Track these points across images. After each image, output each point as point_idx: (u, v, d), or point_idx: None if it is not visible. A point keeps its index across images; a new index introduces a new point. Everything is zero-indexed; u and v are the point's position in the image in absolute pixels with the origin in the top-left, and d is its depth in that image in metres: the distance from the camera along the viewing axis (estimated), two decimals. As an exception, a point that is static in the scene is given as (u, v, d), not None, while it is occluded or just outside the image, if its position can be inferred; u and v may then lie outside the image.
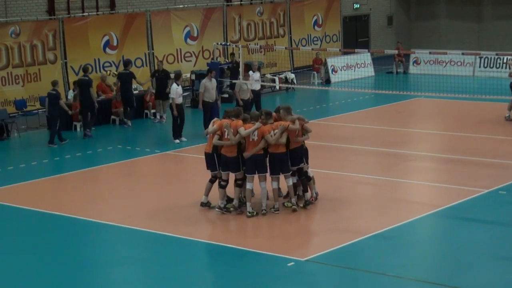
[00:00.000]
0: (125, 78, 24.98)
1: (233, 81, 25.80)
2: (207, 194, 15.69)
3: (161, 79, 25.47)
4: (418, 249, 13.51)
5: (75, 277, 12.59)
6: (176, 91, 22.06)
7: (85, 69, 24.64)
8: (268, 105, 23.20)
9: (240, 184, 15.30)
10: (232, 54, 29.78)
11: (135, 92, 26.85)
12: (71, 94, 25.80)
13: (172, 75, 24.58)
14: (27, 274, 12.78)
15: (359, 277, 12.20)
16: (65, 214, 15.82)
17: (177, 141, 22.22)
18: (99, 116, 25.03)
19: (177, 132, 22.31)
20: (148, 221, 15.13)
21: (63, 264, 13.17)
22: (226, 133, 15.19)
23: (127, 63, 25.49)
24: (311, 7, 37.33)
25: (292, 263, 12.72)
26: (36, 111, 26.51)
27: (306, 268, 12.55)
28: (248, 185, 15.22)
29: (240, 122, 15.23)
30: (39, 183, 18.58)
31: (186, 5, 32.49)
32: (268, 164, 15.30)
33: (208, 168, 15.63)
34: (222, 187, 15.38)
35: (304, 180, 15.52)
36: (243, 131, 15.03)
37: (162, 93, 25.39)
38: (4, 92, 26.56)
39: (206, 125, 20.96)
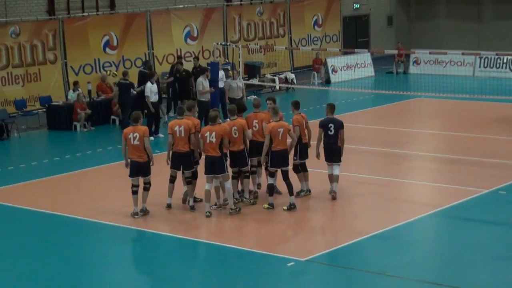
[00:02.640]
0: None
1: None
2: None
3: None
4: (418, 249, 13.50)
5: (75, 277, 12.59)
6: (150, 89, 22.23)
7: (124, 73, 24.97)
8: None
9: (190, 181, 15.60)
10: (196, 57, 28.57)
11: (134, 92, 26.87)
12: (71, 94, 25.78)
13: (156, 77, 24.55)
14: (27, 274, 12.77)
15: (359, 277, 12.19)
16: (65, 214, 15.82)
17: (151, 138, 22.24)
18: (99, 116, 25.01)
19: (151, 129, 22.35)
20: (148, 221, 15.13)
21: (62, 264, 13.16)
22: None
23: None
24: (311, 7, 37.31)
25: (292, 263, 12.71)
26: (36, 111, 26.50)
27: (306, 268, 12.55)
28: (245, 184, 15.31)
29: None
30: (39, 183, 18.58)
31: (186, 5, 32.47)
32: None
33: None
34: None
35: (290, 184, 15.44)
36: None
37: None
38: (4, 92, 26.54)
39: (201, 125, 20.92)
